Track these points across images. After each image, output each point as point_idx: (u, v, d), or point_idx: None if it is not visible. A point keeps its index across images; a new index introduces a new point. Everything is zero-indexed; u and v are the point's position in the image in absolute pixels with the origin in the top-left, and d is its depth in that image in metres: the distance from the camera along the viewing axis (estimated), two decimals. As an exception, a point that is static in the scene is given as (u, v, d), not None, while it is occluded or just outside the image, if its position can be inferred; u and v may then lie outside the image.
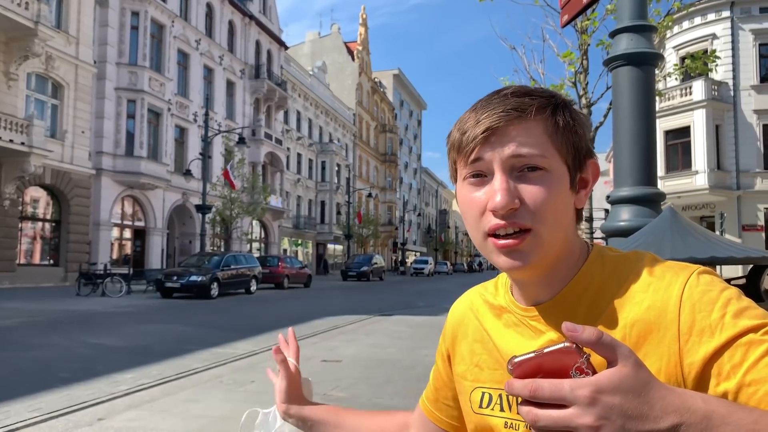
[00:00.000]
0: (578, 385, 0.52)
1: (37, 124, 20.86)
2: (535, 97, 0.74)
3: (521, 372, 0.55)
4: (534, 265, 0.73)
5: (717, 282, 0.69)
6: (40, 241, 23.99)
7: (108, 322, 11.33)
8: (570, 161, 0.75)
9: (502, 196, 0.70)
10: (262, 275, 22.99)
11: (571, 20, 3.27)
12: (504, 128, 0.72)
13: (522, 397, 0.54)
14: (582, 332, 0.53)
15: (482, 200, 0.73)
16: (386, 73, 72.57)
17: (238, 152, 30.40)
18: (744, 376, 0.60)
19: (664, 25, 8.30)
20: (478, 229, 0.74)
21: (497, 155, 0.72)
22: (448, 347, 0.93)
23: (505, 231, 0.72)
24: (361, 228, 50.13)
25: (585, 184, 0.78)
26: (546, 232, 0.72)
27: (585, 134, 0.77)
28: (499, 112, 0.72)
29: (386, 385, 5.84)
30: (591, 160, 0.78)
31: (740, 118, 25.64)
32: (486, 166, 0.73)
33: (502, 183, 0.71)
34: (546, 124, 0.73)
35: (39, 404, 4.81)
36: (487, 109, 0.74)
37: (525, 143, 0.72)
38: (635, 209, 2.79)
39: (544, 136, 0.73)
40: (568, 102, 0.77)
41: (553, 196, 0.72)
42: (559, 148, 0.74)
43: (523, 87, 0.77)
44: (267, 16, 41.50)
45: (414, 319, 12.47)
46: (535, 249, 0.72)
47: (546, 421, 0.52)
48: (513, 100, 0.73)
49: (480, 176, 0.74)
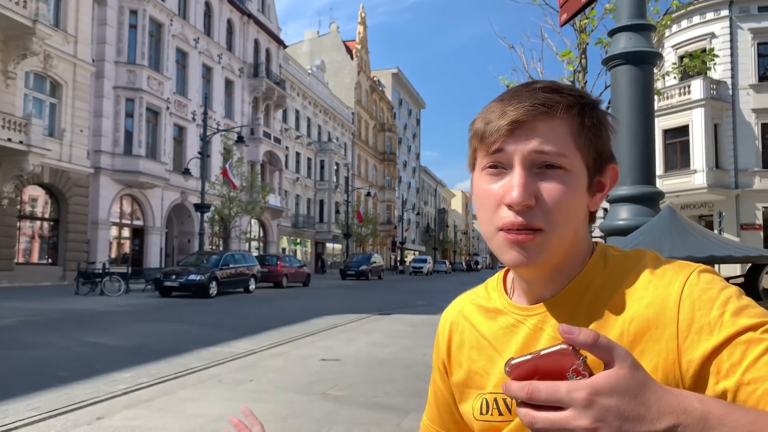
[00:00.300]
0: (575, 387, 0.51)
1: (36, 123, 20.83)
2: (564, 95, 0.73)
3: (518, 374, 0.55)
4: (541, 263, 0.73)
5: (717, 280, 0.68)
6: (38, 240, 23.96)
7: (107, 321, 11.32)
8: (591, 163, 0.74)
9: (519, 192, 0.70)
10: (261, 274, 22.98)
11: (570, 19, 3.27)
12: (530, 123, 0.71)
13: (519, 399, 0.54)
14: (578, 334, 0.53)
15: (499, 193, 0.73)
16: (385, 72, 72.54)
17: (236, 151, 30.38)
18: (743, 375, 0.60)
19: (662, 24, 8.28)
20: (491, 222, 0.74)
21: (519, 149, 0.71)
22: (444, 359, 0.92)
23: (517, 228, 0.72)
24: (360, 227, 50.13)
25: (602, 188, 0.77)
26: (557, 234, 0.71)
27: (609, 137, 0.76)
28: (527, 106, 0.71)
29: (385, 383, 5.84)
30: (611, 165, 0.77)
31: (739, 117, 25.66)
32: (506, 159, 0.72)
33: (521, 178, 0.70)
34: (572, 123, 0.73)
35: (37, 403, 4.81)
36: (514, 101, 0.73)
37: (549, 140, 0.71)
38: (634, 208, 2.79)
39: (568, 136, 0.72)
40: (596, 103, 0.76)
41: (569, 197, 0.71)
42: (581, 149, 0.73)
43: (553, 83, 0.76)
44: (266, 14, 41.46)
45: (413, 317, 12.48)
46: (543, 249, 0.71)
47: (543, 423, 0.52)
48: (542, 95, 0.72)
49: (499, 168, 0.73)
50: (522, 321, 0.79)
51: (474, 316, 0.87)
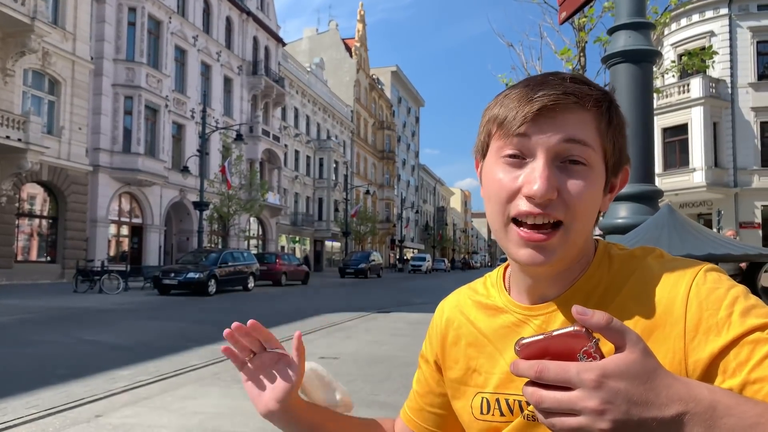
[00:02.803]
0: (585, 369, 0.51)
1: (34, 121, 20.80)
2: (593, 88, 0.71)
3: (528, 353, 0.55)
4: (555, 263, 0.71)
5: (724, 280, 0.68)
6: (37, 237, 23.94)
7: (105, 318, 11.32)
8: (611, 163, 0.73)
9: (542, 184, 0.66)
10: (260, 272, 22.99)
11: (569, 17, 3.26)
12: (559, 111, 0.68)
13: (528, 378, 0.54)
14: (592, 316, 0.53)
15: (515, 183, 0.69)
16: (384, 70, 72.46)
17: (235, 149, 30.35)
18: (749, 374, 0.60)
19: (661, 22, 8.28)
20: (503, 213, 0.71)
21: (545, 139, 0.68)
22: (437, 352, 0.91)
23: (533, 220, 0.68)
24: (358, 225, 50.13)
25: (613, 189, 0.76)
26: (576, 229, 0.69)
27: (626, 138, 0.75)
28: (559, 94, 0.68)
29: (384, 381, 5.84)
30: (626, 167, 0.76)
31: (738, 116, 25.68)
32: (529, 147, 0.69)
33: (545, 170, 0.67)
34: (600, 118, 0.70)
35: (36, 401, 4.81)
36: (543, 88, 0.69)
37: (577, 132, 0.68)
38: (633, 206, 2.79)
39: (595, 131, 0.70)
40: (617, 102, 0.75)
41: (590, 194, 0.69)
42: (605, 146, 0.71)
43: (580, 75, 0.75)
44: (265, 12, 41.39)
45: (412, 315, 12.48)
46: (562, 245, 0.69)
47: (550, 403, 0.52)
48: (572, 85, 0.69)
49: (518, 158, 0.70)
50: (525, 321, 0.78)
51: (472, 312, 0.85)
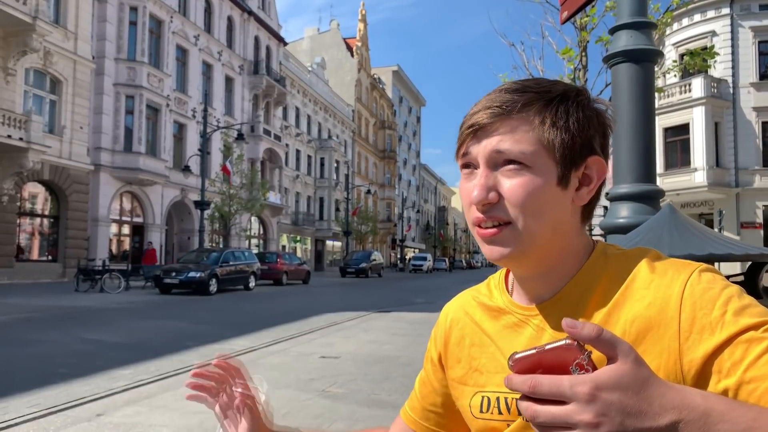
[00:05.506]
0: (577, 382, 0.51)
1: (35, 120, 20.82)
2: (525, 93, 0.74)
3: (521, 368, 0.55)
4: (515, 256, 0.74)
5: (718, 280, 0.69)
6: (38, 236, 23.97)
7: (106, 318, 11.33)
8: (559, 157, 0.73)
9: (477, 191, 0.73)
10: (261, 271, 23.00)
11: (571, 17, 3.26)
12: (489, 124, 0.74)
13: (521, 393, 0.54)
14: (582, 328, 0.53)
15: (470, 191, 0.75)
16: (385, 70, 72.44)
17: (236, 148, 30.37)
18: (744, 373, 0.60)
19: (663, 21, 8.27)
20: (469, 218, 0.77)
21: (481, 150, 0.74)
22: (440, 351, 0.92)
23: (485, 224, 0.74)
24: (359, 224, 50.13)
25: (588, 181, 0.76)
26: (525, 226, 0.72)
27: (584, 129, 0.74)
28: (486, 109, 0.74)
29: (384, 381, 5.84)
30: (592, 157, 0.75)
31: (739, 116, 25.65)
32: (473, 160, 0.76)
33: (481, 178, 0.74)
34: (532, 119, 0.73)
35: (37, 400, 4.81)
36: (479, 105, 0.76)
37: (505, 139, 0.73)
38: (634, 206, 2.78)
39: (529, 133, 0.73)
40: (570, 95, 0.75)
41: (532, 191, 0.72)
42: (545, 143, 0.72)
43: (518, 82, 0.77)
44: (266, 11, 41.39)
45: (412, 315, 12.48)
46: (513, 241, 0.73)
47: (545, 417, 0.52)
48: (503, 96, 0.75)
49: (470, 168, 0.77)
50: (525, 321, 0.79)
51: (476, 313, 0.87)
